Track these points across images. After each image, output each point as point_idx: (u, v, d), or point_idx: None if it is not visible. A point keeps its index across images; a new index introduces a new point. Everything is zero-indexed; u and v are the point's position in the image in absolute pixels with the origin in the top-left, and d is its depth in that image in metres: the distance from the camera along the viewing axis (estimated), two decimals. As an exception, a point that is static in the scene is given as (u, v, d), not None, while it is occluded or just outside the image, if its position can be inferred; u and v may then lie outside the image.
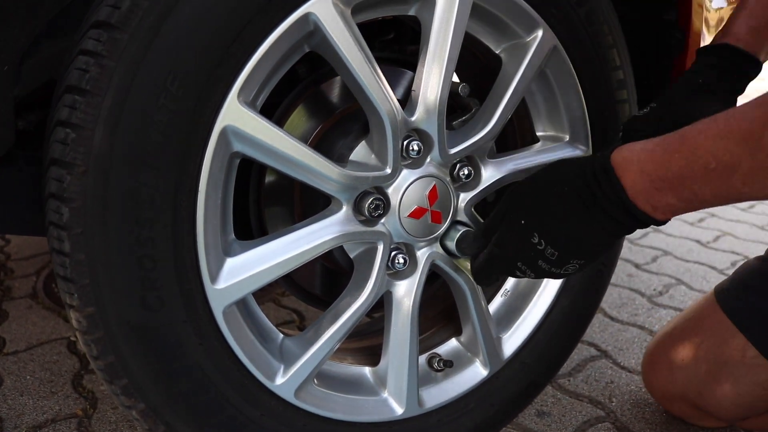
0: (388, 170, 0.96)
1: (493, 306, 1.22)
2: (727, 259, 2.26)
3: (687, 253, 2.31)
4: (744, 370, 1.24)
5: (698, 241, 2.44)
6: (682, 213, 0.86)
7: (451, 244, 1.04)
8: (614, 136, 1.18)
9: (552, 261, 0.91)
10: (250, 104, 0.85)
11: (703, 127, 0.81)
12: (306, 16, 0.85)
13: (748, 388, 1.24)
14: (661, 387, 1.34)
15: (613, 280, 1.31)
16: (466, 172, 1.04)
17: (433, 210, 1.01)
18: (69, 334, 1.58)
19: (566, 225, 0.89)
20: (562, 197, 0.89)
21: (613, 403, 1.41)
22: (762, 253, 1.32)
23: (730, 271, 2.13)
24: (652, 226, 0.88)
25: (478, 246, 1.01)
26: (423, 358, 1.15)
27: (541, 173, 0.94)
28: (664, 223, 0.88)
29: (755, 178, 0.77)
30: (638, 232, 2.53)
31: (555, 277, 0.95)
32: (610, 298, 1.92)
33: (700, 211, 2.81)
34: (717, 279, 2.08)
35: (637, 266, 2.19)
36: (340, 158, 0.99)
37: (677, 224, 2.65)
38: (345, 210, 0.96)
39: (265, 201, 1.03)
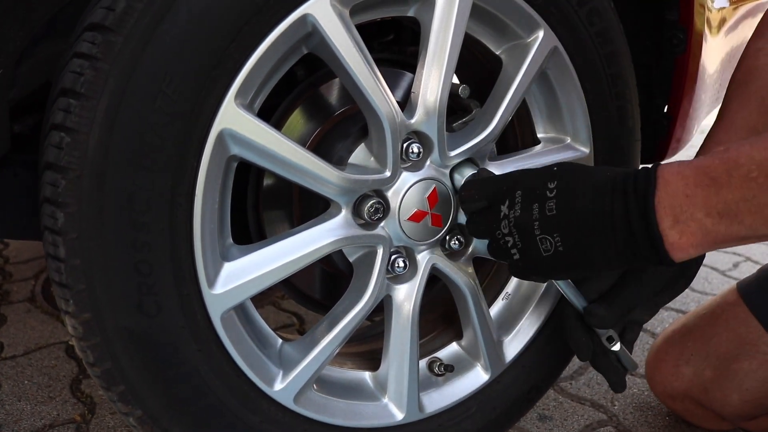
0: (388, 173, 0.95)
1: (495, 309, 1.21)
2: (729, 261, 2.24)
3: (689, 255, 2.30)
4: (755, 366, 1.23)
5: (700, 242, 2.43)
6: (703, 243, 0.80)
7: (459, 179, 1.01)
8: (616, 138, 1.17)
9: (544, 215, 0.86)
10: (248, 107, 0.84)
11: (748, 140, 0.78)
12: (304, 18, 0.84)
13: (756, 384, 1.23)
14: (665, 384, 1.32)
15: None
16: (466, 174, 1.03)
17: (433, 213, 1.00)
18: (67, 339, 1.57)
19: (580, 195, 0.85)
20: (600, 175, 0.86)
21: (616, 407, 1.40)
22: (762, 254, 1.31)
23: (733, 273, 2.13)
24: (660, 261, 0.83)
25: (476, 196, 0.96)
26: (423, 363, 1.14)
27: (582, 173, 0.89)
28: (671, 260, 0.82)
29: None
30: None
31: (524, 238, 0.88)
32: (612, 300, 1.91)
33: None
34: (719, 280, 2.07)
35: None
36: (339, 161, 0.98)
37: (679, 225, 2.63)
38: (344, 213, 0.95)
39: (264, 205, 1.02)
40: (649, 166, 0.85)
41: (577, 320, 1.05)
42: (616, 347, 1.05)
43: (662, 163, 0.83)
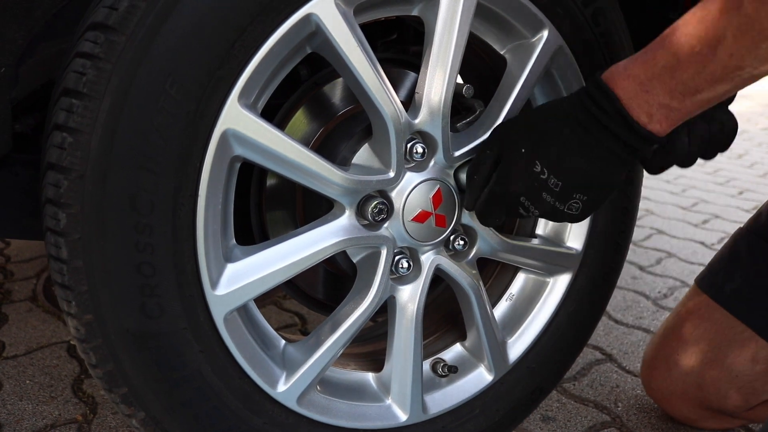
0: (392, 173, 0.94)
1: (498, 310, 1.20)
2: (732, 260, 2.24)
3: (691, 255, 2.30)
4: (737, 349, 1.25)
5: (702, 243, 2.43)
6: (678, 118, 0.85)
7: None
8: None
9: (556, 193, 0.90)
10: (251, 107, 0.84)
11: (680, 20, 0.82)
12: (308, 17, 0.83)
13: (745, 367, 1.25)
14: (661, 387, 1.33)
15: (617, 282, 1.30)
16: (470, 174, 1.02)
17: (437, 214, 1.00)
18: (69, 338, 1.57)
19: (568, 150, 0.88)
20: (561, 122, 0.89)
21: (619, 408, 1.40)
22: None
23: (736, 273, 2.12)
24: (654, 147, 0.87)
25: (474, 189, 0.98)
26: (427, 364, 1.13)
27: (534, 108, 0.93)
28: (663, 139, 0.87)
29: (740, 42, 0.77)
30: (641, 234, 2.52)
31: (558, 217, 0.93)
32: (615, 301, 1.91)
33: (704, 212, 2.81)
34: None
35: (641, 268, 2.17)
36: (342, 161, 0.98)
37: (681, 226, 2.63)
38: (348, 214, 0.94)
39: (267, 205, 1.01)
40: (591, 81, 0.88)
41: None
42: None
43: (602, 74, 0.87)
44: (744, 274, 1.28)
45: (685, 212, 2.85)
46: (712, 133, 1.02)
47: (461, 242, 1.05)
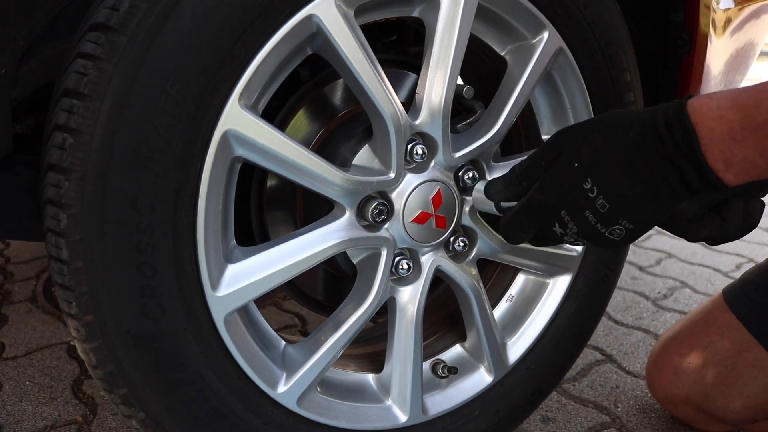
0: (392, 174, 0.95)
1: (498, 311, 1.20)
2: (732, 262, 2.24)
3: (691, 256, 2.30)
4: (754, 372, 1.23)
5: (702, 244, 2.43)
6: (756, 176, 0.76)
7: (479, 189, 0.95)
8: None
9: (601, 215, 0.82)
10: (252, 108, 0.84)
11: None
12: (308, 18, 0.83)
13: (758, 390, 1.23)
14: (666, 390, 1.32)
15: (617, 283, 1.30)
16: (471, 175, 1.02)
17: (437, 215, 1.00)
18: (69, 339, 1.57)
19: (625, 173, 0.79)
20: (627, 142, 0.79)
21: (619, 409, 1.40)
22: (764, 255, 1.30)
23: (735, 274, 2.12)
24: (713, 192, 0.78)
25: (511, 192, 0.90)
26: (427, 365, 1.13)
27: (605, 116, 0.84)
28: (731, 190, 0.78)
29: None
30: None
31: (597, 241, 0.85)
32: (615, 302, 1.91)
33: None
34: (722, 281, 2.07)
35: (641, 269, 2.17)
36: (343, 162, 0.98)
37: (681, 226, 2.63)
38: (348, 215, 0.94)
39: (267, 206, 1.01)
40: (674, 107, 0.78)
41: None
42: None
43: (688, 102, 0.77)
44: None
45: (685, 213, 2.84)
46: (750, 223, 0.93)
47: (461, 243, 1.05)
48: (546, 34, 1.03)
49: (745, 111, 0.74)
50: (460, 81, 1.03)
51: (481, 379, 1.14)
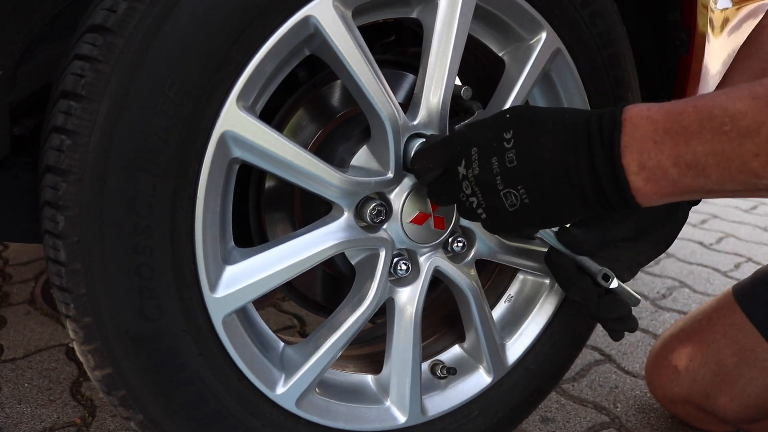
0: (390, 175, 0.94)
1: (497, 312, 1.20)
2: (731, 261, 2.24)
3: (690, 255, 2.30)
4: (757, 372, 1.23)
5: (701, 243, 2.43)
6: (664, 192, 0.76)
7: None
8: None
9: (506, 169, 0.80)
10: (250, 109, 0.84)
11: (724, 90, 0.74)
12: (306, 19, 0.83)
13: (759, 390, 1.23)
14: (665, 389, 1.32)
15: (616, 283, 1.30)
16: (469, 176, 1.02)
17: (435, 216, 1.00)
18: (67, 341, 1.56)
19: (544, 141, 0.79)
20: (561, 120, 0.81)
21: (618, 409, 1.40)
22: (763, 255, 1.30)
23: (734, 273, 2.12)
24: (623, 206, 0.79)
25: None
26: (426, 365, 1.13)
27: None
28: (635, 205, 0.78)
29: None
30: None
31: (490, 198, 0.83)
32: (614, 302, 1.90)
33: (702, 212, 2.81)
34: (720, 281, 2.07)
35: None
36: (341, 163, 0.98)
37: (680, 226, 2.63)
38: (346, 216, 0.94)
39: (265, 207, 1.01)
40: (616, 108, 0.79)
41: (570, 267, 1.01)
42: (614, 284, 1.01)
43: (629, 105, 0.79)
44: None
45: (684, 213, 2.84)
46: (624, 305, 1.02)
47: (460, 244, 1.05)
48: (544, 35, 1.03)
49: (671, 115, 0.74)
50: (458, 82, 1.03)
51: (480, 379, 1.14)
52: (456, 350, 1.17)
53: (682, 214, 1.04)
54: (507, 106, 1.02)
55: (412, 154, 0.93)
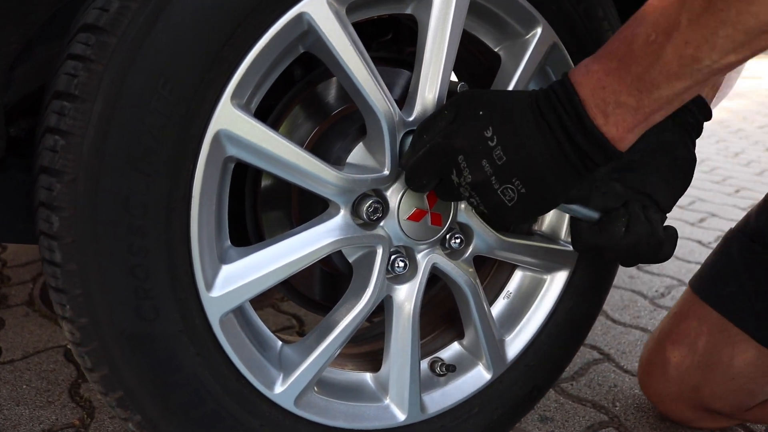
0: (387, 172, 0.94)
1: (496, 308, 1.20)
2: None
3: (688, 254, 2.30)
4: (734, 351, 1.25)
5: (699, 242, 2.43)
6: (635, 122, 0.80)
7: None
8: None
9: (497, 167, 0.83)
10: (244, 107, 0.84)
11: (635, 15, 0.79)
12: (300, 16, 0.83)
13: (741, 368, 1.25)
14: (658, 390, 1.33)
15: (614, 282, 1.30)
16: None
17: (432, 212, 1.00)
18: (66, 342, 1.56)
19: (524, 131, 0.82)
20: (521, 102, 0.84)
21: (617, 408, 1.40)
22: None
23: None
24: (609, 159, 0.82)
25: (416, 149, 0.90)
26: (425, 363, 1.13)
27: (501, 90, 0.89)
28: (618, 153, 0.82)
29: (696, 28, 0.72)
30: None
31: (488, 198, 0.85)
32: (612, 300, 1.91)
33: (701, 211, 2.81)
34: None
35: (638, 267, 2.17)
36: (337, 161, 0.97)
37: (678, 224, 2.63)
38: (343, 214, 0.94)
39: (262, 206, 1.01)
40: (560, 77, 0.84)
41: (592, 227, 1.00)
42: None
43: (569, 72, 0.84)
44: (737, 277, 1.27)
45: (682, 211, 2.85)
46: (650, 243, 0.97)
47: (457, 240, 1.05)
48: (539, 30, 1.03)
49: (606, 57, 0.79)
50: (454, 77, 1.03)
51: (479, 376, 1.14)
52: (455, 347, 1.17)
53: (671, 135, 1.05)
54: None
55: (404, 169, 0.93)
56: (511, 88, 1.02)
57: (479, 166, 0.84)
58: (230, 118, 0.81)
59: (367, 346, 1.17)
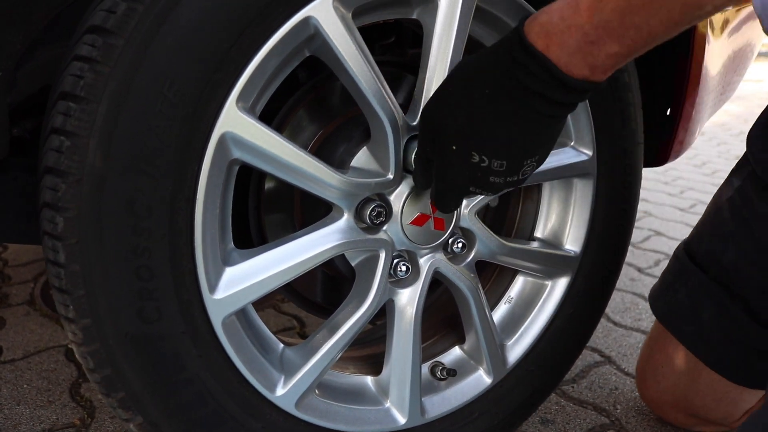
0: (390, 176, 0.94)
1: (497, 313, 1.20)
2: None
3: (690, 257, 2.29)
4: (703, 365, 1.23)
5: (701, 244, 2.42)
6: (625, 61, 0.75)
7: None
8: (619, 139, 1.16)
9: (504, 172, 0.83)
10: (249, 110, 0.84)
11: None
12: (306, 20, 0.83)
13: (718, 381, 1.22)
14: (652, 396, 1.33)
15: (616, 284, 1.30)
16: (469, 177, 1.02)
17: (435, 217, 1.00)
18: (67, 342, 1.56)
19: (503, 131, 0.79)
20: (487, 99, 0.79)
21: (618, 410, 1.40)
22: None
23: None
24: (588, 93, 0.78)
25: (427, 176, 0.92)
26: (426, 367, 1.13)
27: (456, 73, 0.83)
28: (601, 84, 0.77)
29: None
30: (640, 235, 2.52)
31: (517, 184, 0.87)
32: (613, 303, 1.91)
33: (699, 213, 2.80)
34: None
35: (639, 270, 2.17)
36: (341, 164, 0.98)
37: (679, 227, 2.63)
38: (346, 217, 0.94)
39: (265, 209, 1.01)
40: (516, 41, 0.77)
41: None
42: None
43: (527, 27, 0.76)
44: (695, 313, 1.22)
45: (684, 213, 2.85)
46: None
47: (460, 245, 1.05)
48: (544, 36, 1.02)
49: (591, 10, 0.72)
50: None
51: (480, 381, 1.14)
52: (456, 352, 1.17)
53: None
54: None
55: (431, 200, 0.95)
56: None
57: (490, 183, 0.85)
58: (236, 121, 0.81)
59: (368, 349, 1.17)
